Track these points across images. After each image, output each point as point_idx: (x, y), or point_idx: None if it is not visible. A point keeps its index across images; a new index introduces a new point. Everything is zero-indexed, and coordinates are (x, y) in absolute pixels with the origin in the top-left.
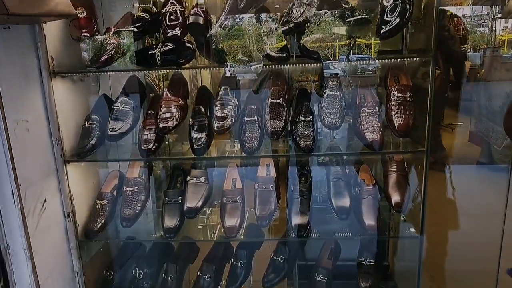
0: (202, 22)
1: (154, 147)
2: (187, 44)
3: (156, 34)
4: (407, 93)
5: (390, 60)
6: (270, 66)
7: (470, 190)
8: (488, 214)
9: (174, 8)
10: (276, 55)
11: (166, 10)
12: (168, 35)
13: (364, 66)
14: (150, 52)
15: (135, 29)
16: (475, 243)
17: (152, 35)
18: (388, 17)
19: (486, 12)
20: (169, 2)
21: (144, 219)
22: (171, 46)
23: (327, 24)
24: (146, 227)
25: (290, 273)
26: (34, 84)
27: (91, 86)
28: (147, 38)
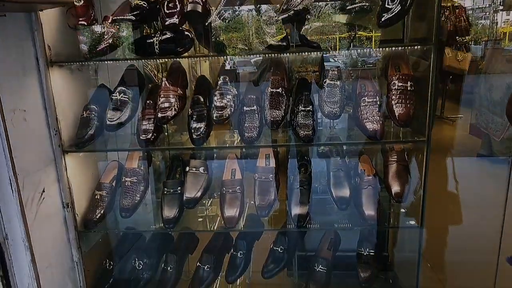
0: (200, 10)
1: (153, 137)
2: (186, 32)
3: (154, 23)
4: (408, 82)
5: (391, 49)
6: (270, 55)
7: (470, 181)
8: (488, 206)
9: None
10: (276, 43)
11: None
12: (166, 23)
13: (364, 59)
14: (148, 41)
15: (132, 17)
16: (475, 234)
17: (150, 24)
18: (389, 4)
19: (487, 5)
20: None
21: (143, 210)
22: (169, 34)
23: (328, 16)
24: (145, 218)
25: (289, 263)
26: (31, 73)
27: (89, 76)
28: (145, 27)
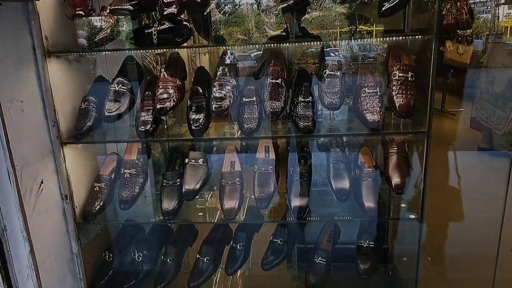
0: (199, 0)
1: (152, 128)
2: (184, 22)
3: (152, 13)
4: (409, 72)
5: (392, 39)
6: (270, 45)
7: (470, 175)
8: (488, 199)
9: None
10: (275, 33)
11: None
12: (165, 13)
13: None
14: (147, 31)
15: (130, 7)
16: (475, 227)
17: (148, 14)
18: None
19: None
20: None
21: (143, 202)
22: (167, 25)
23: (328, 7)
24: (145, 210)
25: (289, 255)
26: (28, 63)
27: (88, 68)
28: (143, 17)
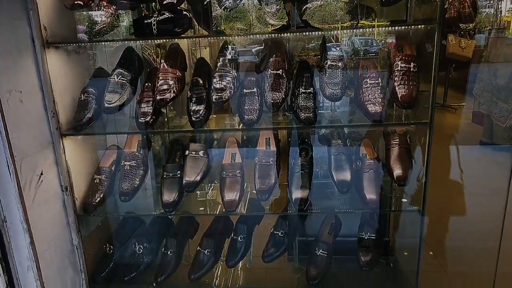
0: None
1: (152, 120)
2: (184, 12)
3: (151, 3)
4: (411, 63)
5: (394, 28)
6: (270, 35)
7: (472, 168)
8: (490, 193)
9: None
10: (276, 22)
11: None
12: (164, 3)
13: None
14: (146, 21)
15: None
16: (477, 221)
17: (148, 4)
18: None
19: None
20: None
21: (143, 195)
22: (167, 15)
23: (329, 5)
24: (145, 203)
25: (290, 247)
26: (26, 54)
27: (87, 59)
28: (142, 7)
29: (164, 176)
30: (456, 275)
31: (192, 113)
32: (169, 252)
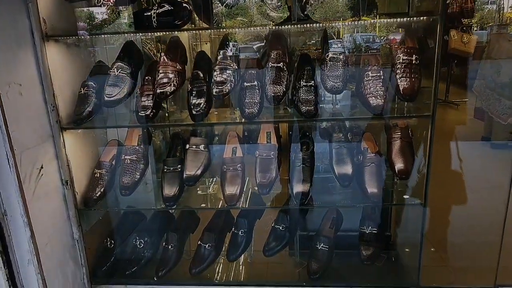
0: None
1: (152, 113)
2: (184, 4)
3: None
4: (413, 55)
5: (396, 20)
6: (271, 27)
7: (474, 164)
8: (491, 188)
9: None
10: (276, 14)
11: None
12: None
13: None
14: (146, 14)
15: None
16: (478, 216)
17: None
18: None
19: None
20: None
21: (144, 189)
22: (167, 7)
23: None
24: (146, 198)
25: (291, 241)
26: (26, 47)
27: (87, 52)
28: (143, 1)
29: (165, 170)
30: (457, 270)
31: (192, 106)
32: (170, 247)
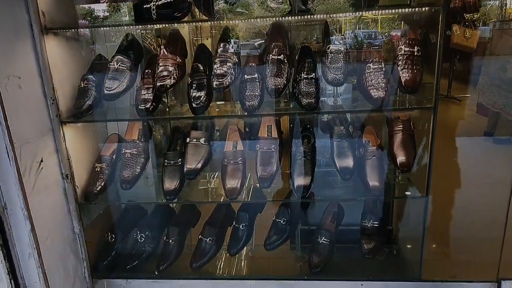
0: None
1: (152, 106)
2: None
3: None
4: (415, 47)
5: (398, 11)
6: (272, 19)
7: (476, 159)
8: (494, 183)
9: None
10: (277, 6)
11: None
12: None
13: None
14: (145, 6)
15: None
16: (480, 211)
17: None
18: None
19: None
20: None
21: (144, 183)
22: None
23: None
24: (147, 192)
25: (292, 235)
26: (25, 40)
27: (86, 46)
28: None
29: (165, 164)
30: (459, 264)
31: (193, 99)
32: (171, 241)
